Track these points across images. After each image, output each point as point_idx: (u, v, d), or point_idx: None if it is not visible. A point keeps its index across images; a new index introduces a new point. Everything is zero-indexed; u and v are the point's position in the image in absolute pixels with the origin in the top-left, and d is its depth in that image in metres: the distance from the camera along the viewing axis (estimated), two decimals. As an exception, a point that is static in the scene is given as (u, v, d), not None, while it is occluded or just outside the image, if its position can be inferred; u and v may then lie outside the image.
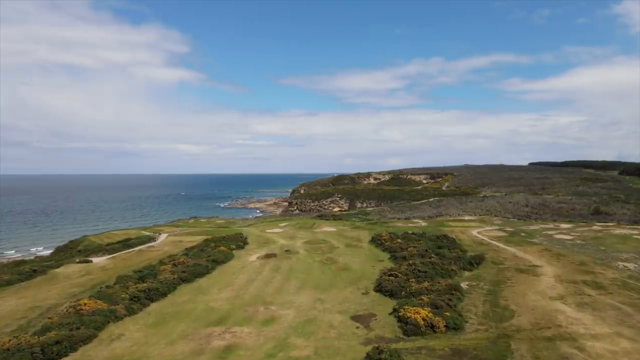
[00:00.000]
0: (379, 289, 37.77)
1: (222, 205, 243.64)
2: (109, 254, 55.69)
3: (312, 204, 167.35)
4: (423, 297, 33.11)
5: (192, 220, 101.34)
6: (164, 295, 36.28)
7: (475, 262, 46.03)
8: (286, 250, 55.86)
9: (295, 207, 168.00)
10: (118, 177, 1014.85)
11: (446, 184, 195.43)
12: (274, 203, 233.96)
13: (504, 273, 42.90)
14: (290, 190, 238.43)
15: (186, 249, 57.01)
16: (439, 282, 37.07)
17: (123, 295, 34.72)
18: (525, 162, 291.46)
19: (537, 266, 45.49)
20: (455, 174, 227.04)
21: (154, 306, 34.10)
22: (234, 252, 54.81)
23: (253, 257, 52.45)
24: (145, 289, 35.58)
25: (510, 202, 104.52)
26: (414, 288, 35.98)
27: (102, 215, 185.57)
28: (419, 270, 40.98)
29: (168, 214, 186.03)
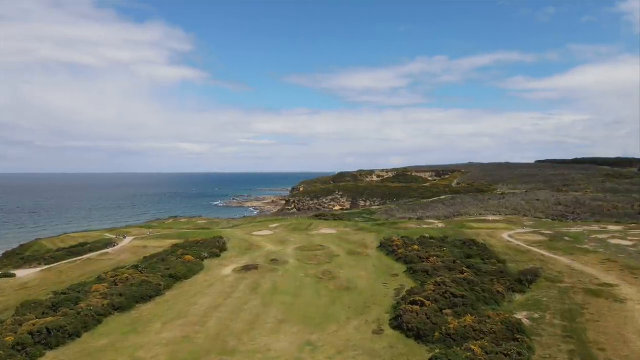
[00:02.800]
0: (398, 324, 25.63)
1: (218, 203, 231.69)
2: (45, 264, 43.77)
3: (311, 202, 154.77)
4: (472, 346, 20.92)
5: (170, 220, 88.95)
6: (74, 336, 24.13)
7: (527, 279, 33.66)
8: (272, 260, 43.68)
9: (293, 206, 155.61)
10: (120, 176, 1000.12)
11: (456, 181, 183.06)
12: (272, 202, 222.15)
13: (570, 297, 30.54)
14: (290, 189, 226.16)
15: (145, 257, 44.89)
16: (488, 316, 24.83)
17: (7, 339, 22.70)
18: (529, 161, 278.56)
19: (610, 285, 33.07)
20: (463, 171, 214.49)
21: (49, 357, 22.02)
22: (204, 262, 42.66)
23: (227, 270, 40.26)
24: (44, 327, 23.47)
25: (537, 199, 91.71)
26: (452, 326, 23.81)
27: (96, 214, 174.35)
28: (453, 295, 28.66)
29: (163, 212, 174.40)
